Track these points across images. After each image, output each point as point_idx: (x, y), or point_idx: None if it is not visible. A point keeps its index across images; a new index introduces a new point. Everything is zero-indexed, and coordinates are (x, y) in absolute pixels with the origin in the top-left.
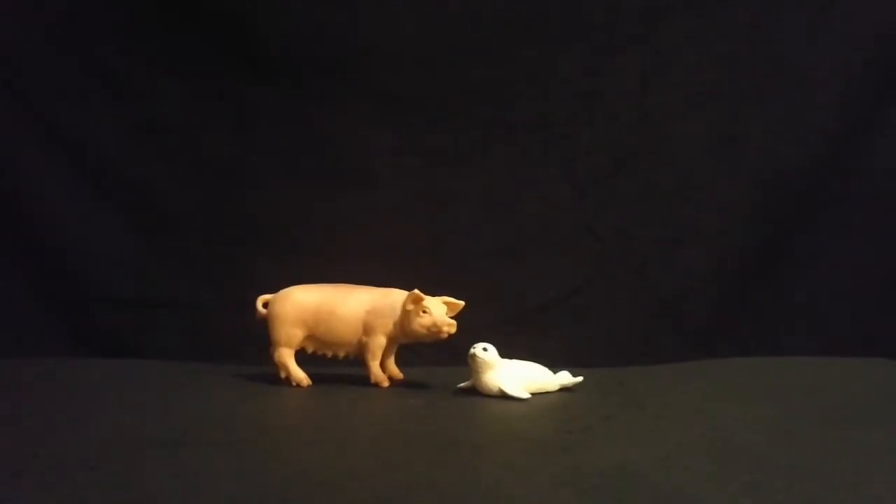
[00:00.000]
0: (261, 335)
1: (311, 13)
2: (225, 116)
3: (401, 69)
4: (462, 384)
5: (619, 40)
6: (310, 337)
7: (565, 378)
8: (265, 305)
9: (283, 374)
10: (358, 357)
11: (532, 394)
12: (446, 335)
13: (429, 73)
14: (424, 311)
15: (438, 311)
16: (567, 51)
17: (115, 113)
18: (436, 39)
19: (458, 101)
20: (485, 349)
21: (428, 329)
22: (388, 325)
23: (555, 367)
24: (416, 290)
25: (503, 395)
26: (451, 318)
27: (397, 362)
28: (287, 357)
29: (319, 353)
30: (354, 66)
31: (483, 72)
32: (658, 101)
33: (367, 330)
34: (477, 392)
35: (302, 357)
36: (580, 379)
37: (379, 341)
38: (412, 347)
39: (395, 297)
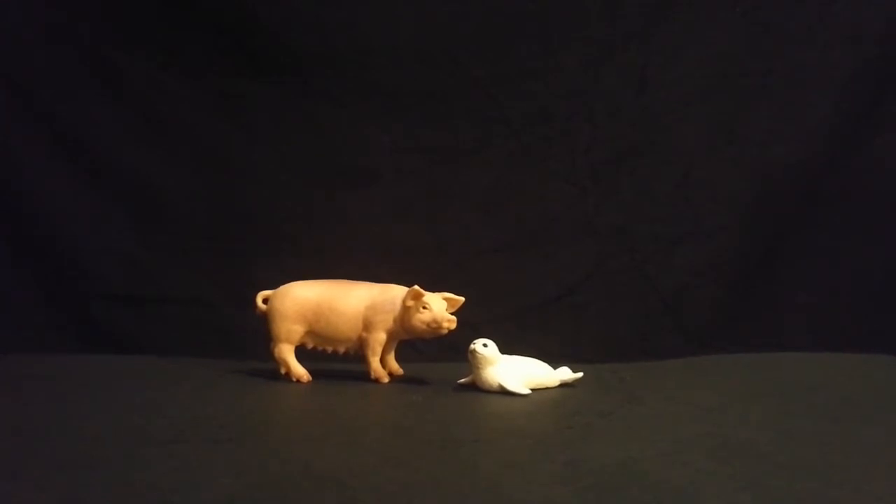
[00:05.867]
0: (261, 331)
1: (312, 10)
2: (225, 114)
3: (401, 66)
4: (462, 380)
5: (619, 37)
6: (310, 333)
7: (565, 374)
8: (265, 301)
9: (283, 370)
10: (358, 353)
11: (532, 390)
12: (446, 331)
13: (429, 69)
14: (424, 307)
15: (438, 307)
16: (567, 48)
17: (115, 111)
18: (436, 36)
19: (459, 98)
20: (485, 345)
21: (428, 325)
22: (388, 321)
23: (555, 363)
24: (416, 286)
25: (503, 391)
26: (451, 314)
27: (397, 358)
28: (287, 353)
29: (319, 348)
30: (355, 63)
31: (483, 68)
32: (658, 98)
33: (367, 326)
34: (477, 388)
35: (302, 353)
36: (580, 375)
37: (379, 337)
38: (412, 343)
39: (395, 293)
